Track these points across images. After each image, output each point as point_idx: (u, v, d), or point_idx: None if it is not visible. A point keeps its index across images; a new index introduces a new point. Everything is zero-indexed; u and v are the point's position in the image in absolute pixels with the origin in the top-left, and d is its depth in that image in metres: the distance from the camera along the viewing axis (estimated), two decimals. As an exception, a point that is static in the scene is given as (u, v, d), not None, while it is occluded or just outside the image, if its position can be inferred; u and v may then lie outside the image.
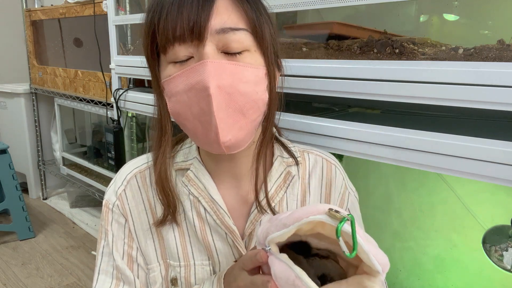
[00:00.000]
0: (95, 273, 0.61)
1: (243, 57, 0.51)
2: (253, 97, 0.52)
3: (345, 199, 0.67)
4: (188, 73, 0.50)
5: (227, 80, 0.49)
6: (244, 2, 0.52)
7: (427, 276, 1.10)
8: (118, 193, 0.61)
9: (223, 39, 0.50)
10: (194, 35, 0.49)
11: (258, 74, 0.52)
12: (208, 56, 0.49)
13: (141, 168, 0.63)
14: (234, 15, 0.51)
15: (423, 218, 1.08)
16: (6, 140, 2.69)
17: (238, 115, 0.51)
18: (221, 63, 0.49)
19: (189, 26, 0.49)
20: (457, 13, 0.98)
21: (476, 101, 0.60)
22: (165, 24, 0.50)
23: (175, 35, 0.50)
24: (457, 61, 0.64)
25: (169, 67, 0.52)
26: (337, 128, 0.77)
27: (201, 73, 0.49)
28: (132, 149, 1.61)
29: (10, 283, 1.81)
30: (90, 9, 1.79)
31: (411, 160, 0.68)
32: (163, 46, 0.51)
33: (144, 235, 0.61)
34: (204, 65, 0.49)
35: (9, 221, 2.26)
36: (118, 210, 0.61)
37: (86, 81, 2.00)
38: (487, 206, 0.95)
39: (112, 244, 0.60)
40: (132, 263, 0.61)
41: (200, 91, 0.49)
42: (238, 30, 0.51)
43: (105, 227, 0.61)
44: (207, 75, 0.48)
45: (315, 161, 0.67)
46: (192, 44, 0.50)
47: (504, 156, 0.57)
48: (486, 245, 0.91)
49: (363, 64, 0.73)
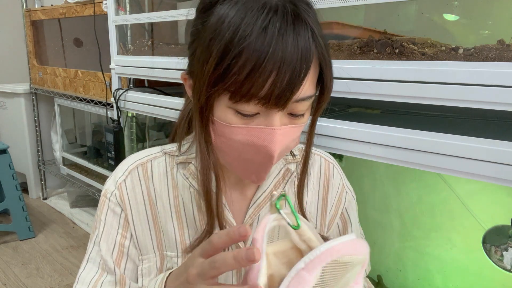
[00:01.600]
0: (84, 260, 0.62)
1: (303, 117, 0.51)
2: (293, 146, 0.54)
3: (342, 198, 0.68)
4: (253, 132, 0.48)
5: (286, 143, 0.51)
6: (324, 53, 0.48)
7: (427, 276, 1.10)
8: (118, 183, 0.61)
9: (296, 106, 0.48)
10: (277, 102, 0.45)
11: (303, 128, 0.53)
12: (278, 123, 0.48)
13: (143, 160, 0.63)
14: (312, 82, 0.48)
15: (423, 218, 1.08)
16: (6, 140, 2.69)
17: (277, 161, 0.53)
18: (286, 130, 0.49)
19: (276, 93, 0.44)
20: (457, 13, 0.98)
21: (476, 101, 0.60)
22: (253, 80, 0.43)
23: (257, 95, 0.44)
24: (457, 61, 0.64)
25: (230, 113, 0.48)
26: (337, 128, 0.77)
27: (268, 140, 0.48)
28: (132, 149, 1.61)
29: (10, 283, 1.81)
30: (90, 9, 1.79)
31: (411, 160, 0.68)
32: (233, 94, 0.45)
33: (142, 226, 0.61)
34: (273, 133, 0.48)
35: (9, 221, 2.26)
36: (116, 200, 0.61)
37: (86, 81, 2.00)
38: (487, 206, 0.95)
39: (102, 234, 0.60)
40: (121, 254, 0.61)
41: (262, 153, 0.49)
42: (311, 97, 0.49)
43: (99, 216, 0.61)
44: (275, 144, 0.48)
45: (313, 160, 0.67)
46: (269, 107, 0.46)
47: (504, 156, 0.57)
48: (486, 245, 0.91)
49: (363, 64, 0.73)
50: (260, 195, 0.61)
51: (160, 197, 0.61)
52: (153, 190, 0.61)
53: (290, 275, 0.40)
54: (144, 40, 1.47)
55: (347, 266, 0.41)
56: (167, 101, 1.19)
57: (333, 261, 0.40)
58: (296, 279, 0.40)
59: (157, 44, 1.41)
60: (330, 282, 0.41)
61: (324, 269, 0.40)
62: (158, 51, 1.38)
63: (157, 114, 1.25)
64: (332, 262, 0.40)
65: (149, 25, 1.57)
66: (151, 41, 1.44)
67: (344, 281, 0.43)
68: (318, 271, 0.40)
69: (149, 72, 1.25)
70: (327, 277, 0.41)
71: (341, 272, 0.41)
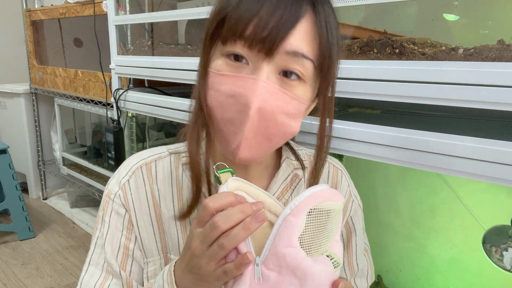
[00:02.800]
0: (86, 263, 0.60)
1: (296, 87, 0.49)
2: (286, 129, 0.51)
3: (348, 206, 0.67)
4: (236, 80, 0.48)
5: (270, 106, 0.48)
6: (324, 33, 0.48)
7: (427, 276, 1.10)
8: (122, 183, 0.59)
9: (288, 61, 0.47)
10: (263, 47, 0.46)
11: (300, 109, 0.51)
12: (263, 74, 0.47)
13: (147, 160, 0.61)
14: (310, 42, 0.48)
15: (423, 218, 1.08)
16: (6, 140, 2.68)
17: (265, 140, 0.50)
18: (273, 87, 0.47)
19: (262, 34, 0.45)
20: (457, 13, 0.99)
21: (476, 101, 0.60)
22: (238, 18, 0.46)
23: (243, 34, 0.46)
24: (457, 61, 0.64)
25: (221, 60, 0.50)
26: (337, 128, 0.77)
27: (249, 88, 0.47)
28: (132, 149, 1.61)
29: (10, 283, 1.81)
30: (90, 9, 1.79)
31: (411, 160, 0.68)
32: (224, 36, 0.48)
33: (146, 227, 0.59)
34: (255, 83, 0.47)
35: (9, 221, 2.26)
36: (120, 201, 0.59)
37: (86, 81, 2.00)
38: (487, 206, 0.95)
39: (106, 236, 0.58)
40: (127, 257, 0.59)
41: (240, 104, 0.47)
42: (307, 59, 0.48)
43: (102, 217, 0.59)
44: (254, 95, 0.46)
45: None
46: (256, 53, 0.47)
47: (504, 156, 0.57)
48: (486, 245, 0.91)
49: (363, 64, 0.73)
50: None
51: (164, 199, 0.60)
52: (157, 191, 0.60)
53: (278, 222, 0.42)
54: (144, 40, 1.47)
55: (330, 213, 0.43)
56: (167, 101, 1.19)
57: (316, 207, 0.42)
58: (284, 224, 0.42)
59: (157, 44, 1.41)
60: (316, 230, 0.43)
61: (309, 214, 0.42)
62: (158, 51, 1.38)
63: (157, 114, 1.25)
64: (316, 208, 0.42)
65: (149, 25, 1.57)
66: (151, 41, 1.44)
67: (328, 230, 0.44)
68: (304, 215, 0.42)
69: (149, 72, 1.25)
70: (312, 224, 0.43)
71: (324, 219, 0.43)
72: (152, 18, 1.28)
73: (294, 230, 0.41)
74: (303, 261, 0.41)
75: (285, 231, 0.41)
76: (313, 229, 0.43)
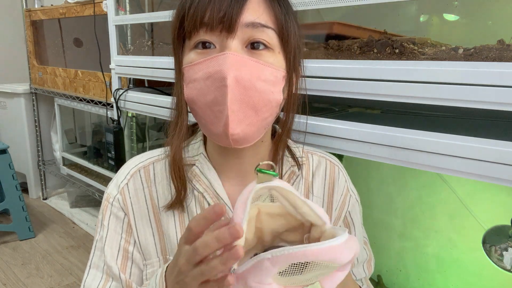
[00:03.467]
0: (87, 266, 0.61)
1: (266, 56, 0.52)
2: (268, 96, 0.52)
3: (346, 201, 0.67)
4: (208, 62, 0.51)
5: (246, 75, 0.50)
6: (275, 2, 0.53)
7: (427, 276, 1.10)
8: (121, 187, 0.60)
9: (250, 33, 0.51)
10: (223, 26, 0.50)
11: (277, 76, 0.53)
12: (231, 48, 0.50)
13: (145, 163, 0.62)
14: (265, 13, 0.52)
15: (423, 218, 1.08)
16: (6, 140, 2.68)
17: (250, 111, 0.51)
18: (243, 58, 0.50)
19: (219, 15, 0.49)
20: (457, 13, 0.99)
21: (476, 101, 0.60)
22: (195, 10, 0.50)
23: (202, 22, 0.50)
24: (457, 61, 0.64)
25: (191, 53, 0.53)
26: (337, 128, 0.77)
27: (221, 63, 0.49)
28: (132, 149, 1.61)
29: (10, 283, 1.81)
30: (90, 9, 1.79)
31: (411, 160, 0.68)
32: (189, 31, 0.52)
33: (145, 230, 0.60)
34: (225, 56, 0.49)
35: (9, 221, 2.26)
36: (118, 204, 0.60)
37: (86, 81, 2.00)
38: (487, 206, 0.95)
39: (106, 240, 0.59)
40: (126, 259, 0.60)
41: (217, 80, 0.50)
42: (267, 28, 0.51)
43: (102, 221, 0.61)
44: (227, 66, 0.49)
45: (318, 162, 0.67)
46: (219, 34, 0.51)
47: (504, 156, 0.57)
48: (486, 245, 0.91)
49: (363, 64, 0.73)
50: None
51: (162, 201, 0.60)
52: (156, 193, 0.61)
53: (253, 260, 0.40)
54: (144, 40, 1.47)
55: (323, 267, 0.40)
56: (167, 101, 1.19)
57: (306, 262, 0.39)
58: (258, 265, 0.40)
59: (157, 44, 1.41)
60: (297, 275, 0.41)
61: (293, 265, 0.40)
62: (158, 51, 1.38)
63: (157, 114, 1.25)
64: (305, 262, 0.39)
65: (149, 25, 1.57)
66: (151, 41, 1.44)
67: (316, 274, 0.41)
68: (284, 266, 0.40)
69: (149, 72, 1.25)
70: (295, 270, 0.40)
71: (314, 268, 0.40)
72: (152, 18, 1.28)
73: (266, 274, 0.40)
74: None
75: (256, 271, 0.40)
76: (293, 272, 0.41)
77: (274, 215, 0.48)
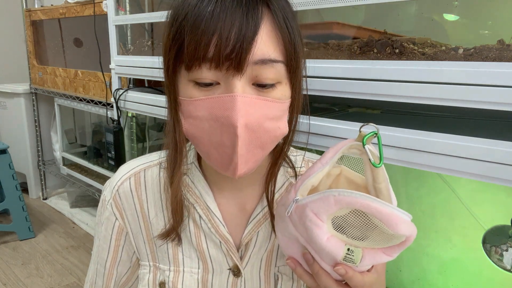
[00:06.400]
0: (90, 263, 0.66)
1: (273, 92, 0.48)
2: (275, 133, 0.50)
3: None
4: (214, 102, 0.46)
5: (254, 117, 0.46)
6: (285, 30, 0.47)
7: (427, 276, 1.10)
8: (113, 193, 0.61)
9: (259, 71, 0.45)
10: (230, 64, 0.44)
11: (284, 109, 0.50)
12: (239, 89, 0.45)
13: (136, 170, 0.61)
14: (274, 45, 0.46)
15: (423, 218, 1.08)
16: (6, 140, 2.68)
17: (258, 150, 0.49)
18: (251, 99, 0.45)
19: (226, 51, 0.43)
20: (457, 13, 0.98)
21: (476, 101, 0.60)
22: (197, 42, 0.44)
23: (206, 57, 0.44)
24: (457, 61, 0.64)
25: (190, 86, 0.47)
26: (337, 128, 0.77)
27: (229, 108, 0.45)
28: (132, 149, 1.61)
29: (10, 283, 1.81)
30: (90, 9, 1.79)
31: (411, 160, 0.68)
32: (188, 64, 0.45)
33: (137, 236, 0.61)
34: (234, 100, 0.44)
35: (9, 221, 2.26)
36: (111, 209, 0.61)
37: (86, 81, 2.00)
38: (487, 206, 0.95)
39: (96, 252, 0.64)
40: (114, 261, 0.63)
41: (225, 126, 0.45)
42: (277, 62, 0.46)
43: (97, 223, 0.64)
44: (236, 113, 0.44)
45: None
46: (225, 72, 0.45)
47: (504, 156, 0.57)
48: (486, 245, 0.91)
49: (363, 64, 0.73)
50: (261, 210, 0.59)
51: (153, 207, 0.60)
52: (146, 201, 0.60)
53: (320, 193, 0.43)
54: (144, 40, 1.47)
55: (378, 233, 0.42)
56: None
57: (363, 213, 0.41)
58: (322, 199, 0.42)
59: (157, 44, 1.41)
60: (351, 226, 0.43)
61: (352, 211, 0.42)
62: (158, 51, 1.38)
63: (157, 114, 1.25)
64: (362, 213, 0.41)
65: (149, 25, 1.57)
66: (151, 41, 1.44)
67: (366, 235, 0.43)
68: (345, 210, 0.42)
69: (149, 72, 1.25)
70: (350, 218, 0.43)
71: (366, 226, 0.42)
72: (152, 18, 1.28)
73: (327, 208, 0.42)
74: (317, 230, 0.42)
75: (319, 202, 0.42)
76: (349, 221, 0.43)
77: (351, 182, 0.49)
